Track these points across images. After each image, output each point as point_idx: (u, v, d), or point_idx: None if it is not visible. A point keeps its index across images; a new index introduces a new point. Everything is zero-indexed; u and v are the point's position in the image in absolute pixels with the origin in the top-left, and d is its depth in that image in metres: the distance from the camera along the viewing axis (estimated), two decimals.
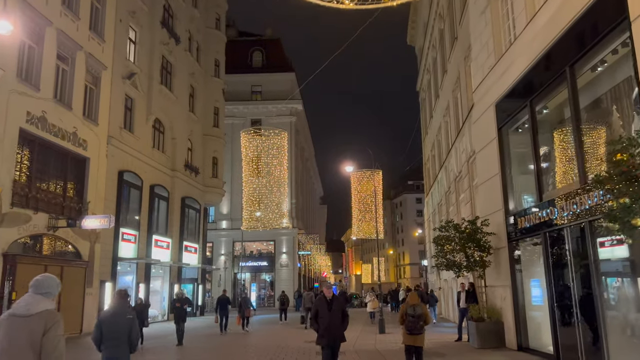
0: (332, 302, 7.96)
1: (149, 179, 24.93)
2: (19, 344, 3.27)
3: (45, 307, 3.44)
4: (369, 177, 30.75)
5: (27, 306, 3.40)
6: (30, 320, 3.33)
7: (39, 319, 3.34)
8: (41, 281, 3.56)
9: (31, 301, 3.43)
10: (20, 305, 3.42)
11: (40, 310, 3.39)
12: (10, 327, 3.33)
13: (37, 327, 3.31)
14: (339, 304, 8.04)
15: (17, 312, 3.39)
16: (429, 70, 29.59)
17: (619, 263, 8.72)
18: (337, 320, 7.95)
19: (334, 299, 8.04)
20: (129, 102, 23.71)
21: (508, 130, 13.14)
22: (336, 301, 8.03)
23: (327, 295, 8.06)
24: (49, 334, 3.33)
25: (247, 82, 47.01)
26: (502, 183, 12.98)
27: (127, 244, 22.56)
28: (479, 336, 12.89)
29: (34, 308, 3.38)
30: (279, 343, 15.56)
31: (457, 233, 13.37)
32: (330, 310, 7.88)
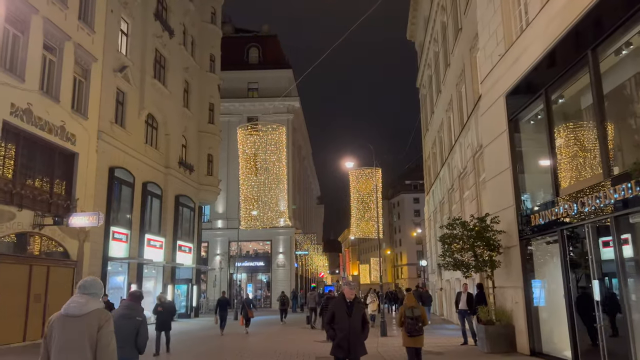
0: (353, 306, 6.74)
1: (142, 176, 24.10)
2: (76, 341, 3.52)
3: (96, 306, 3.71)
4: (368, 175, 30.01)
5: (80, 307, 3.65)
6: (83, 319, 3.60)
7: (92, 318, 3.61)
8: (88, 283, 3.83)
9: (82, 302, 3.68)
10: (73, 306, 3.66)
11: (92, 310, 3.66)
12: (65, 326, 3.58)
13: (92, 325, 3.59)
14: (359, 308, 6.84)
15: (71, 312, 3.63)
16: (429, 65, 28.88)
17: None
18: (357, 327, 6.70)
19: (355, 301, 6.79)
20: (120, 96, 22.88)
21: (519, 122, 12.42)
22: (357, 304, 6.79)
23: (348, 297, 6.75)
24: (103, 330, 3.62)
25: (243, 78, 46.23)
26: (513, 178, 12.25)
27: (118, 243, 21.73)
28: (489, 340, 12.15)
29: (86, 308, 3.65)
30: (277, 347, 14.78)
31: (465, 231, 12.63)
32: (351, 315, 6.67)
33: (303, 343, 15.78)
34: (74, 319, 3.62)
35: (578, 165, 10.10)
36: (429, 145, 30.84)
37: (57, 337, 3.59)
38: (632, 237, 8.07)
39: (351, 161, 20.67)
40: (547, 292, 11.54)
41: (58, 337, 3.59)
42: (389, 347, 14.03)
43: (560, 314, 10.49)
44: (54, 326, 3.66)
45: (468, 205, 18.16)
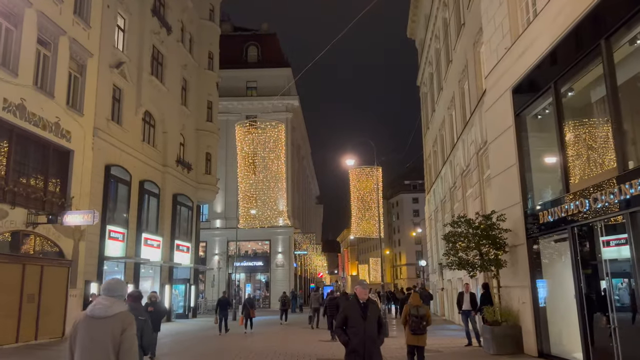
0: (367, 307, 6.09)
1: (139, 174, 23.70)
2: (100, 342, 3.58)
3: (120, 309, 3.76)
4: (369, 174, 29.63)
5: (105, 309, 3.69)
6: (108, 321, 3.64)
7: (116, 320, 3.66)
8: (112, 286, 3.86)
9: (107, 304, 3.72)
10: (98, 308, 3.70)
11: (117, 312, 3.70)
12: (90, 327, 3.64)
13: (116, 327, 3.63)
14: (375, 309, 6.19)
15: (96, 314, 3.68)
16: (430, 62, 28.53)
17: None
18: (373, 331, 6.04)
19: (370, 303, 6.16)
20: (117, 92, 22.48)
21: (526, 117, 12.07)
22: (372, 306, 6.16)
23: (362, 298, 6.13)
24: (127, 332, 3.66)
25: (242, 77, 45.85)
26: (520, 174, 11.89)
27: (115, 243, 21.33)
28: (495, 341, 11.79)
29: (111, 310, 3.69)
30: (277, 348, 14.40)
31: (470, 229, 12.27)
32: (365, 318, 5.99)
33: (304, 343, 15.41)
34: (99, 321, 3.68)
35: (589, 160, 9.76)
36: (429, 143, 30.49)
37: (81, 338, 3.68)
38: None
39: (352, 158, 20.28)
40: (556, 292, 11.18)
41: (82, 338, 3.67)
42: (390, 347, 13.67)
43: (570, 314, 10.15)
44: (79, 327, 3.72)
45: (471, 203, 17.81)
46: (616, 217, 8.32)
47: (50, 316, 16.96)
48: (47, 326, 16.76)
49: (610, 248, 8.84)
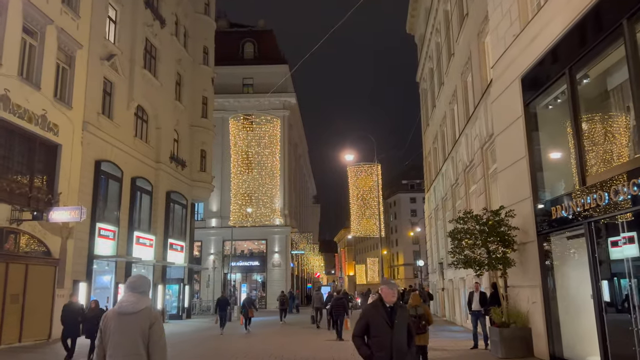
0: (395, 313, 4.91)
1: (130, 170, 22.97)
2: (131, 337, 3.77)
3: (146, 304, 3.93)
4: (368, 171, 28.96)
5: (133, 305, 3.86)
6: (137, 316, 3.82)
7: (144, 315, 3.84)
8: (137, 283, 4.03)
9: (134, 300, 3.88)
10: (126, 305, 3.87)
11: (144, 308, 3.88)
12: (120, 323, 3.82)
13: (144, 322, 3.82)
14: (404, 315, 5.02)
15: (125, 310, 3.86)
16: (430, 57, 27.90)
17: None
18: (402, 342, 4.86)
19: (398, 307, 4.98)
20: (108, 86, 21.75)
21: (536, 107, 11.42)
22: (401, 312, 4.98)
23: (388, 301, 4.94)
24: (154, 327, 3.85)
25: (238, 74, 45.13)
26: (530, 167, 11.24)
27: (105, 241, 20.59)
28: (504, 344, 11.14)
29: (139, 306, 3.86)
30: (273, 351, 13.69)
31: (477, 226, 11.61)
32: (393, 326, 4.84)
33: (305, 344, 14.72)
34: (128, 316, 3.85)
35: (607, 150, 9.11)
36: (429, 140, 29.85)
37: (112, 333, 3.84)
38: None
39: (351, 154, 19.56)
40: (569, 292, 10.54)
41: (112, 333, 3.83)
42: None
43: (585, 315, 9.50)
44: (109, 323, 3.90)
45: (475, 200, 17.16)
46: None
47: (36, 317, 16.22)
48: (32, 328, 16.02)
49: (631, 245, 8.19)
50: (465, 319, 20.05)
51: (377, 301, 5.04)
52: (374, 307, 5.05)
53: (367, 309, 5.18)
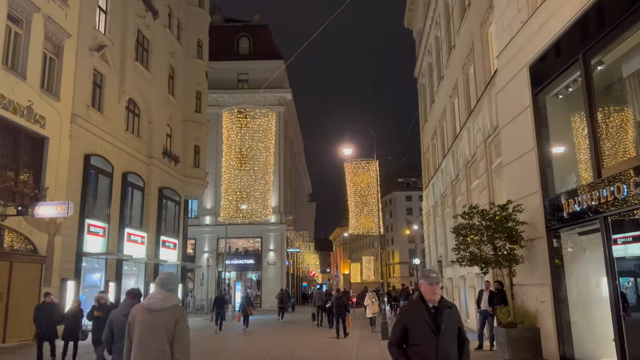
0: (441, 315, 3.88)
1: (121, 165, 22.30)
2: (156, 332, 3.96)
3: (173, 302, 4.11)
4: (365, 168, 28.41)
5: (160, 302, 4.05)
6: (163, 313, 4.01)
7: (170, 313, 4.03)
8: (166, 280, 4.23)
9: (162, 297, 4.07)
10: (154, 302, 4.06)
11: (171, 305, 4.06)
12: (147, 318, 4.01)
13: (170, 319, 4.00)
14: (452, 317, 3.96)
15: (152, 307, 4.04)
16: (430, 51, 27.35)
17: None
18: (451, 351, 3.86)
19: (444, 307, 3.93)
20: (98, 78, 21.07)
21: (546, 96, 10.88)
22: (448, 313, 3.92)
23: (431, 300, 3.91)
24: (180, 324, 4.03)
25: (233, 69, 44.47)
26: (539, 160, 10.71)
27: (95, 238, 19.93)
28: (511, 345, 10.60)
29: (166, 303, 4.05)
30: (269, 351, 13.10)
31: (483, 221, 11.07)
32: (439, 332, 3.81)
33: (306, 342, 14.14)
34: (155, 313, 3.97)
35: (626, 139, 8.59)
36: (428, 136, 29.33)
37: (138, 328, 3.98)
38: None
39: (349, 147, 18.98)
40: (581, 290, 10.03)
41: (140, 328, 3.98)
42: None
43: (598, 315, 9.01)
44: (136, 318, 4.04)
45: (477, 195, 16.64)
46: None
47: (21, 317, 15.50)
48: (17, 328, 15.34)
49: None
50: (466, 317, 19.57)
51: (417, 300, 3.97)
52: (413, 307, 3.98)
53: (405, 311, 4.15)
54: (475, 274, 17.09)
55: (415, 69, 33.52)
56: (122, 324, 5.34)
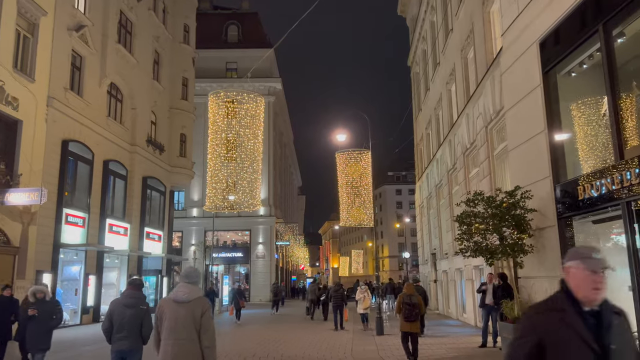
0: (608, 325, 2.33)
1: (103, 152, 21.22)
2: (184, 323, 4.22)
3: (198, 294, 4.41)
4: (357, 158, 27.48)
5: (187, 294, 4.32)
6: (190, 305, 4.28)
7: (196, 304, 4.31)
8: (191, 274, 4.51)
9: (188, 290, 4.35)
10: (181, 294, 4.33)
11: (197, 297, 4.36)
12: (175, 310, 4.28)
13: (196, 310, 4.28)
14: (625, 330, 2.41)
15: (179, 299, 4.31)
16: (424, 38, 26.52)
17: None
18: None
19: (608, 311, 2.40)
20: (77, 60, 19.94)
21: (557, 75, 10.08)
22: (619, 323, 2.39)
23: (590, 299, 2.39)
24: (206, 315, 4.31)
25: (222, 58, 43.34)
26: (550, 142, 9.92)
27: (73, 228, 18.89)
28: None
29: (192, 296, 4.33)
30: (256, 349, 12.22)
31: (489, 209, 10.27)
32: (607, 356, 2.26)
33: (298, 339, 13.29)
34: (182, 305, 4.28)
35: None
36: (422, 126, 28.55)
37: (167, 319, 4.28)
38: None
39: (343, 133, 18.11)
40: None
41: (169, 319, 4.27)
42: (391, 349, 11.66)
43: None
44: (164, 310, 4.34)
45: (477, 184, 15.87)
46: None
47: None
48: None
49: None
50: (462, 312, 18.88)
51: (561, 299, 2.44)
52: (552, 311, 2.41)
53: (537, 316, 2.46)
54: (473, 266, 16.39)
55: (408, 57, 32.68)
56: (122, 315, 5.45)
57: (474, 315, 16.58)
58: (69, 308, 18.89)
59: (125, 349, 5.48)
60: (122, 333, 5.44)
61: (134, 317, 5.46)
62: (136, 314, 5.48)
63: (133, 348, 5.50)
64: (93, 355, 11.86)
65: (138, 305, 5.55)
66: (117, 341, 5.48)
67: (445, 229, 21.31)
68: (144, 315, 5.52)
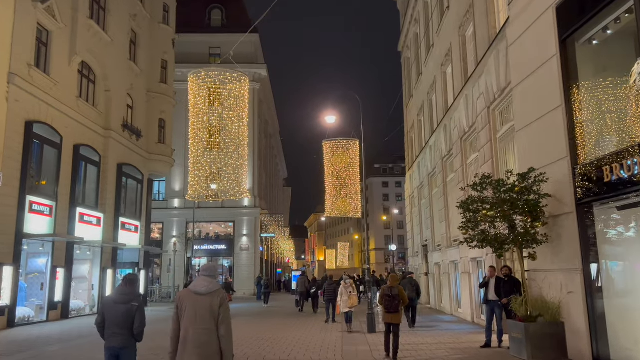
0: None
1: (73, 136, 19.68)
2: (204, 314, 4.46)
3: (217, 287, 4.64)
4: (345, 147, 26.29)
5: (207, 287, 4.55)
6: (209, 296, 4.52)
7: (215, 296, 4.54)
8: (210, 268, 4.76)
9: (207, 283, 4.58)
10: (200, 286, 4.56)
11: (216, 289, 4.59)
12: (195, 301, 4.51)
13: (215, 302, 4.51)
14: None
15: (199, 291, 4.54)
16: (417, 20, 25.32)
17: None
18: None
19: None
20: (43, 34, 18.34)
21: (576, 43, 8.95)
22: None
23: None
24: (224, 306, 4.54)
25: (204, 42, 41.67)
26: (568, 119, 8.80)
27: (39, 217, 17.39)
28: (530, 343, 8.76)
29: (211, 288, 4.57)
30: (235, 350, 10.94)
31: (498, 193, 9.14)
32: None
33: (288, 338, 12.06)
34: (202, 296, 4.51)
35: None
36: (413, 113, 27.41)
37: (187, 310, 4.50)
38: None
39: (333, 115, 16.83)
40: (621, 278, 8.23)
41: (189, 310, 4.49)
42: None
43: None
44: (185, 301, 4.55)
45: (476, 170, 14.77)
46: None
47: None
48: None
49: None
50: (457, 307, 17.86)
51: None
52: None
53: None
54: (470, 259, 15.33)
55: (399, 42, 31.46)
56: (114, 311, 5.33)
57: (471, 311, 15.55)
58: (34, 304, 17.45)
59: (116, 345, 5.33)
60: (113, 329, 5.32)
61: (126, 314, 5.34)
62: (128, 310, 5.35)
63: (125, 345, 5.36)
64: (52, 355, 10.50)
65: (130, 302, 5.40)
66: (109, 338, 5.36)
67: (439, 219, 20.24)
68: (135, 312, 5.38)
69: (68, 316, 18.83)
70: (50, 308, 17.87)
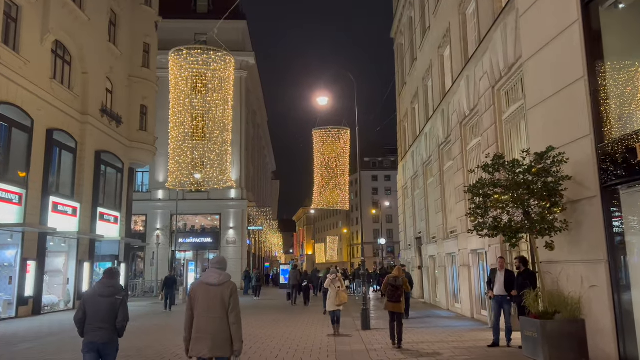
0: None
1: (45, 120, 18.39)
2: (215, 304, 4.81)
3: (227, 279, 4.98)
4: (335, 136, 25.35)
5: (217, 279, 4.91)
6: (220, 287, 4.88)
7: (225, 287, 4.90)
8: (219, 261, 5.12)
9: (217, 275, 4.93)
10: (212, 278, 4.92)
11: (226, 281, 4.95)
12: (207, 292, 4.86)
13: (225, 292, 4.86)
14: None
15: (211, 282, 4.92)
16: (412, 3, 24.30)
17: None
18: None
19: None
20: (12, 9, 17.02)
21: (600, 7, 7.98)
22: None
23: None
24: (234, 296, 4.89)
25: (190, 29, 40.09)
26: (591, 92, 7.84)
27: (6, 206, 16.14)
28: (547, 342, 7.81)
29: (222, 280, 4.92)
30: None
31: (512, 176, 8.15)
32: None
33: (276, 337, 11.03)
34: (213, 287, 4.88)
35: None
36: (406, 101, 26.43)
37: (200, 300, 4.83)
38: None
39: (325, 96, 15.73)
40: None
41: (201, 300, 4.83)
42: (384, 349, 9.52)
43: None
44: (197, 292, 4.89)
45: (477, 157, 13.85)
46: None
47: None
48: None
49: None
50: (454, 302, 16.97)
51: None
52: None
53: None
54: (470, 250, 14.42)
55: (392, 28, 30.41)
56: (97, 304, 5.14)
57: (471, 307, 14.65)
58: (2, 299, 16.22)
59: (98, 341, 5.11)
60: (95, 324, 5.13)
61: (109, 307, 5.18)
62: (112, 304, 5.20)
63: (107, 341, 5.15)
64: (12, 358, 9.36)
65: (114, 295, 5.26)
66: (90, 332, 5.13)
67: (434, 209, 19.32)
68: (119, 306, 5.24)
69: (40, 312, 17.63)
70: (20, 303, 16.65)
